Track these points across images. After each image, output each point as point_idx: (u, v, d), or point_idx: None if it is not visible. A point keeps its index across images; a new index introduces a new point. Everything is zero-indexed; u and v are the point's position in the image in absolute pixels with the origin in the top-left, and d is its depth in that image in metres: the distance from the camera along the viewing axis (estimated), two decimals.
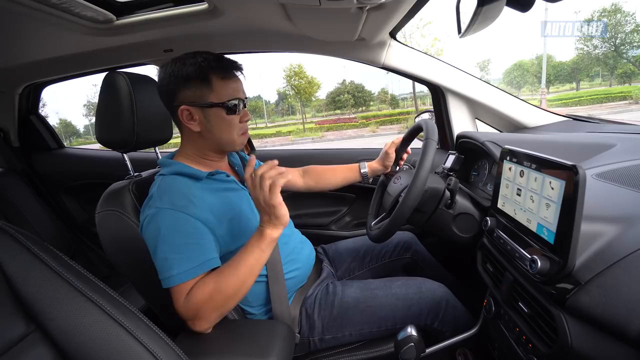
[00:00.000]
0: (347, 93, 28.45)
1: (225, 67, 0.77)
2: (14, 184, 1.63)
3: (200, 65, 0.74)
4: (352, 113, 28.38)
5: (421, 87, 29.51)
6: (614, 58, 23.15)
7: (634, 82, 22.34)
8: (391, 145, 1.06)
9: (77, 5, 0.91)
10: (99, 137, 0.89)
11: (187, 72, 0.74)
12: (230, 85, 0.78)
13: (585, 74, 30.90)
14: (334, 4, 0.79)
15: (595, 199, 0.58)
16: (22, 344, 0.42)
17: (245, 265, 0.68)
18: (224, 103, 0.76)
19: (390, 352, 0.83)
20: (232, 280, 0.67)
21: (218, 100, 0.76)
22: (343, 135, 18.05)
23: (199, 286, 0.67)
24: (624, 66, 21.50)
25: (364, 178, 1.12)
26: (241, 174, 0.94)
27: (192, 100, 0.76)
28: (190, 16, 1.07)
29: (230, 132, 0.80)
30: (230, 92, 0.77)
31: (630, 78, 22.35)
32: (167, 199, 0.71)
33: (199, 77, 0.74)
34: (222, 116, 0.78)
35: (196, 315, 0.67)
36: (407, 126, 5.78)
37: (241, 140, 0.83)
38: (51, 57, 1.31)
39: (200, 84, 0.75)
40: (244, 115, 0.82)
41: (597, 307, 0.46)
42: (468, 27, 0.79)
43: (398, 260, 1.13)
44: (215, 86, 0.75)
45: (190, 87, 0.75)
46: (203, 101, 0.75)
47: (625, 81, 22.68)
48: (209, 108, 0.76)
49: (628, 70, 21.63)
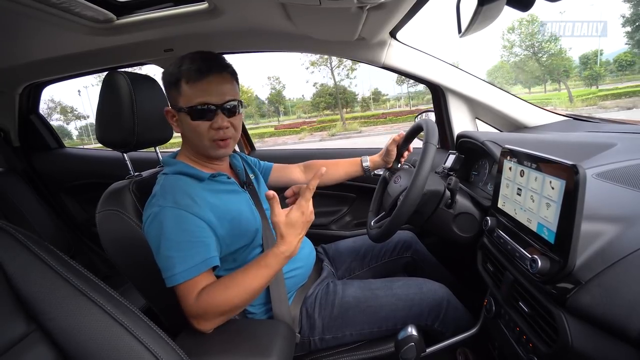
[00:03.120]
0: (329, 95, 28.88)
1: (198, 70, 0.73)
2: (14, 183, 1.63)
3: (173, 71, 0.75)
4: (334, 114, 28.66)
5: (417, 87, 30.07)
6: (537, 63, 24.47)
7: (601, 85, 23.32)
8: (392, 143, 1.05)
9: (77, 5, 0.91)
10: (99, 136, 0.89)
11: (165, 76, 0.78)
12: (200, 89, 0.73)
13: (505, 81, 32.28)
14: (334, 3, 0.79)
15: (596, 198, 0.58)
16: (22, 343, 0.43)
17: (259, 276, 0.69)
18: (192, 107, 0.74)
19: (390, 351, 0.83)
20: (243, 289, 0.68)
21: (184, 105, 0.75)
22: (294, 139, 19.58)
23: (211, 289, 0.68)
24: (592, 68, 22.60)
25: (366, 172, 1.11)
26: (242, 177, 0.94)
27: (171, 103, 0.79)
28: (190, 16, 1.07)
29: (199, 138, 0.77)
30: (199, 97, 0.73)
31: (597, 80, 23.19)
32: (171, 197, 0.72)
33: (171, 82, 0.76)
34: (187, 121, 0.76)
35: (203, 316, 0.69)
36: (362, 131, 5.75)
37: (214, 148, 0.78)
38: (51, 57, 1.31)
39: (172, 88, 0.77)
40: (217, 121, 0.75)
41: (598, 306, 0.46)
42: (468, 26, 0.79)
43: (398, 260, 1.13)
44: (183, 90, 0.74)
45: (169, 91, 0.78)
46: (175, 105, 0.77)
47: (592, 83, 23.53)
48: (179, 112, 0.77)
49: (594, 73, 22.55)
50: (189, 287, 0.68)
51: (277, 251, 0.68)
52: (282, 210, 0.68)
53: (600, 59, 24.69)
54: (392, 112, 26.03)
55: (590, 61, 25.29)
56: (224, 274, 0.78)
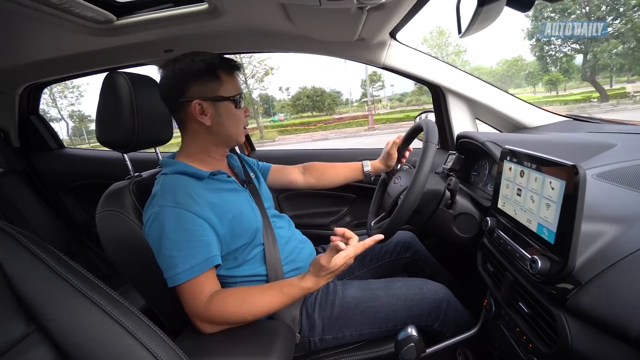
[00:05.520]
0: (307, 97, 29.09)
1: (230, 64, 0.81)
2: (15, 184, 1.63)
3: (210, 62, 0.78)
4: (312, 116, 28.85)
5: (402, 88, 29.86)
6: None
7: (560, 90, 24.03)
8: (393, 146, 1.05)
9: (77, 5, 0.91)
10: (99, 137, 0.89)
11: (197, 68, 0.77)
12: (235, 81, 0.82)
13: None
14: (334, 4, 0.79)
15: (596, 199, 0.58)
16: (22, 344, 0.42)
17: (276, 302, 0.72)
18: (233, 97, 0.80)
19: (390, 352, 0.83)
20: (258, 309, 0.71)
21: (227, 95, 0.79)
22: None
23: (226, 299, 0.71)
24: (552, 74, 23.11)
25: (366, 177, 1.11)
26: (241, 176, 0.94)
27: (202, 95, 0.78)
28: (190, 16, 1.07)
29: (238, 125, 0.84)
30: (236, 87, 0.81)
31: (556, 85, 23.68)
32: (171, 197, 0.72)
33: (209, 72, 0.77)
34: (232, 110, 0.81)
35: (210, 321, 0.71)
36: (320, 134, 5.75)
37: (243, 133, 0.87)
38: (51, 58, 1.31)
39: (210, 79, 0.78)
40: (246, 110, 0.86)
41: (598, 307, 0.46)
42: (468, 27, 0.79)
43: (398, 260, 1.13)
44: (224, 81, 0.79)
45: (202, 82, 0.78)
46: (214, 95, 0.78)
47: (552, 89, 24.14)
48: (220, 102, 0.79)
49: (554, 77, 23.02)
50: (191, 287, 0.69)
51: (303, 286, 0.71)
52: (328, 254, 0.70)
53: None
54: (347, 116, 25.62)
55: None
56: (225, 273, 0.79)
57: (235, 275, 0.80)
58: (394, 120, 19.55)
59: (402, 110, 26.06)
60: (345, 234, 0.71)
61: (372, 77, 29.76)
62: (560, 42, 19.57)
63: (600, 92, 17.66)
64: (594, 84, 18.36)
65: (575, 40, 18.90)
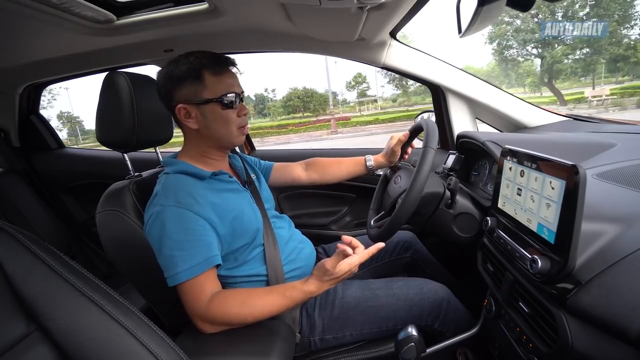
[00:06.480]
0: (298, 98, 29.21)
1: (217, 63, 0.78)
2: (15, 184, 1.63)
3: (192, 64, 0.76)
4: (303, 117, 28.91)
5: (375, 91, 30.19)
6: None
7: (545, 93, 24.32)
8: (397, 143, 1.03)
9: (77, 5, 0.91)
10: (99, 137, 0.89)
11: (180, 72, 0.76)
12: (224, 80, 0.78)
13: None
14: (334, 3, 0.79)
15: (596, 198, 0.58)
16: (22, 343, 0.42)
17: (277, 305, 0.72)
18: (220, 98, 0.77)
19: (390, 352, 0.83)
20: (259, 311, 0.71)
21: (212, 96, 0.77)
22: None
23: (227, 299, 0.71)
24: (532, 77, 23.39)
25: (369, 171, 1.10)
26: (242, 176, 0.94)
27: (187, 99, 0.77)
28: (190, 16, 1.07)
29: (228, 126, 0.80)
30: (225, 87, 0.78)
31: (539, 87, 23.88)
32: (172, 196, 0.72)
33: (191, 75, 0.76)
34: (218, 111, 0.78)
35: (210, 321, 0.71)
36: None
37: (239, 135, 0.83)
38: (51, 57, 1.31)
39: (193, 82, 0.76)
40: (241, 109, 0.82)
41: (598, 307, 0.46)
42: (468, 27, 0.79)
43: (398, 260, 1.13)
44: (208, 82, 0.77)
45: (185, 86, 0.77)
46: (198, 98, 0.77)
47: (535, 90, 24.42)
48: (204, 104, 0.77)
49: (536, 80, 23.30)
50: (192, 286, 0.69)
51: (306, 290, 0.71)
52: (334, 258, 0.70)
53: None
54: (323, 119, 25.17)
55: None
56: (225, 273, 0.79)
57: (235, 276, 0.80)
58: (364, 124, 19.34)
59: (387, 111, 26.11)
60: (352, 242, 0.71)
61: (357, 79, 30.05)
62: (517, 46, 19.84)
63: (557, 96, 18.09)
64: (551, 89, 18.80)
65: (536, 45, 19.20)
